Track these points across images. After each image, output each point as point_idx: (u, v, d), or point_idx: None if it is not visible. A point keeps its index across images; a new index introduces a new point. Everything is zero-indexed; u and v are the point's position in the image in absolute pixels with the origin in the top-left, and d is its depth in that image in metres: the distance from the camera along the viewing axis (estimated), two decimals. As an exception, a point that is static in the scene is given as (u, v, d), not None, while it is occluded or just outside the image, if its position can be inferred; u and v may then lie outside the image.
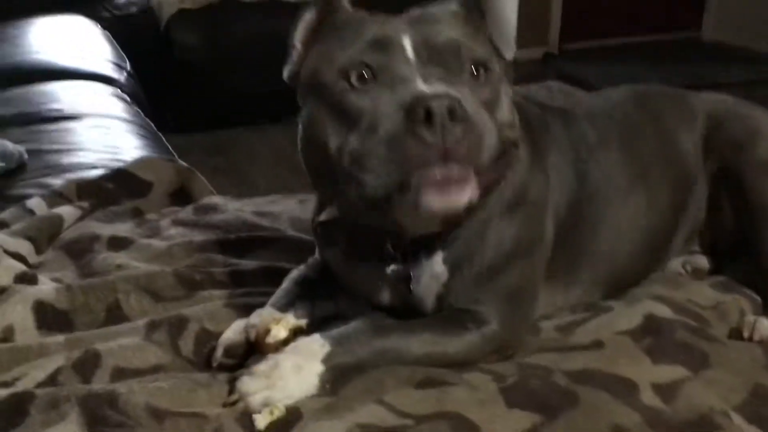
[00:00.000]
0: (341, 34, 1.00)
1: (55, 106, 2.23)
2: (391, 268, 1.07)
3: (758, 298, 1.27)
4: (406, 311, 1.10)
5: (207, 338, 1.09)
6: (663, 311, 1.15)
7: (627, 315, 1.15)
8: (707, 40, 6.26)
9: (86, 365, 1.03)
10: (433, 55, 0.95)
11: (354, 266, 1.13)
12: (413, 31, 0.97)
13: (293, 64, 1.08)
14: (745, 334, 1.15)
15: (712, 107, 1.38)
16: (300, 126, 1.03)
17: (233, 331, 1.06)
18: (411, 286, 1.08)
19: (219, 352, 1.04)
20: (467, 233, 1.07)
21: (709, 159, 1.35)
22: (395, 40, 0.96)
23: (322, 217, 1.08)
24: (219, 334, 1.07)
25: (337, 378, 0.97)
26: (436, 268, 1.08)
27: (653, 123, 1.34)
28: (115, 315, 1.19)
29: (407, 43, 0.96)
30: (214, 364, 1.04)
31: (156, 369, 1.04)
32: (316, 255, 1.24)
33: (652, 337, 1.09)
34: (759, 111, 1.39)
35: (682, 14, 6.22)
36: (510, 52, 1.10)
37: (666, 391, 0.98)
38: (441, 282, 1.08)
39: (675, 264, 1.39)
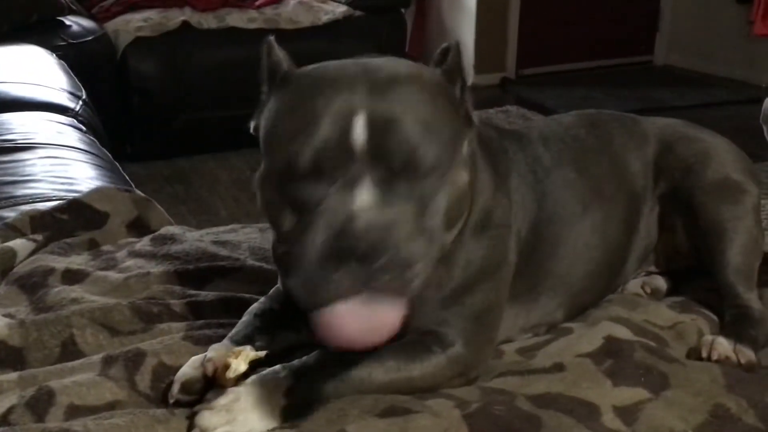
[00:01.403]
0: (295, 104, 0.95)
1: (8, 136, 2.19)
2: None
3: (715, 318, 1.29)
4: None
5: (165, 373, 1.07)
6: (622, 332, 1.16)
7: (587, 337, 1.16)
8: (659, 64, 6.42)
9: (39, 403, 0.99)
10: (385, 155, 0.89)
11: None
12: (370, 121, 0.89)
13: (257, 118, 1.06)
14: (704, 354, 1.16)
15: (662, 131, 1.42)
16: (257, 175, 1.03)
17: (190, 367, 1.03)
18: None
19: (175, 389, 1.01)
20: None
21: (659, 180, 1.38)
22: (347, 136, 0.89)
23: (283, 247, 1.07)
24: (177, 369, 1.05)
25: (300, 410, 0.95)
26: None
27: (604, 145, 1.36)
28: (70, 351, 1.16)
29: (360, 138, 0.89)
30: (171, 401, 1.01)
31: (112, 405, 1.01)
32: (278, 284, 1.22)
33: (613, 359, 1.09)
34: (708, 133, 1.43)
35: (634, 39, 6.37)
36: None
37: (627, 413, 0.99)
38: None
39: (634, 285, 1.41)
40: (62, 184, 1.89)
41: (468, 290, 1.09)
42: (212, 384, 1.00)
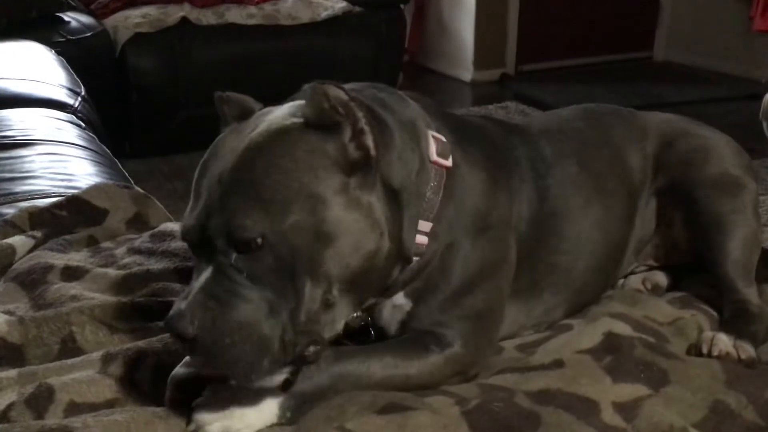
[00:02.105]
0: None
1: (7, 133, 2.18)
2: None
3: (715, 314, 1.29)
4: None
5: (165, 372, 1.06)
6: (622, 328, 1.16)
7: (587, 333, 1.16)
8: (659, 60, 6.41)
9: (39, 401, 1.00)
10: (218, 240, 0.90)
11: None
12: (216, 207, 0.90)
13: None
14: (704, 350, 1.16)
15: (662, 126, 1.42)
16: None
17: (183, 366, 1.03)
18: (370, 328, 1.08)
19: (170, 389, 1.01)
20: (430, 267, 1.07)
21: (658, 175, 1.38)
22: (193, 225, 0.93)
23: None
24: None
25: (298, 406, 0.95)
26: (397, 300, 1.08)
27: (604, 138, 1.37)
28: (69, 348, 1.16)
29: (201, 228, 0.92)
30: (167, 404, 1.00)
31: (111, 403, 1.02)
32: None
33: (612, 355, 1.09)
34: (706, 129, 1.43)
35: (634, 35, 6.36)
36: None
37: (626, 409, 0.99)
38: (404, 311, 1.08)
39: (634, 280, 1.41)
40: (61, 180, 1.88)
41: (467, 292, 1.09)
42: (207, 382, 0.99)
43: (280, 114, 0.97)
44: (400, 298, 1.08)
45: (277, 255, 0.89)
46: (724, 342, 1.17)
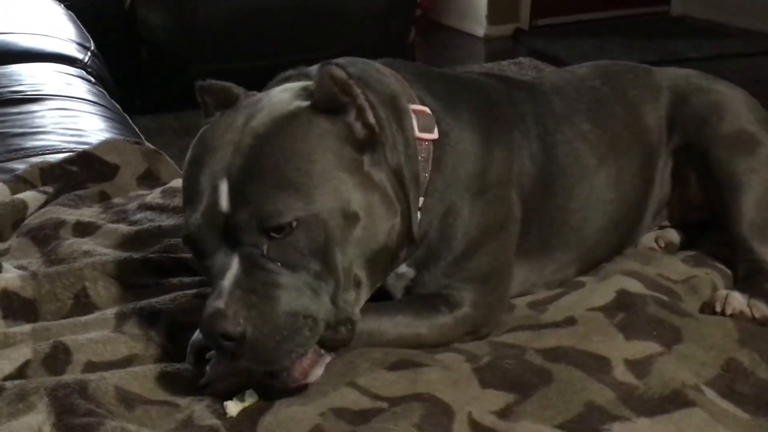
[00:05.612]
0: (187, 172, 0.96)
1: (17, 88, 2.17)
2: None
3: (729, 272, 1.28)
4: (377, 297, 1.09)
5: (179, 330, 1.07)
6: (635, 286, 1.16)
7: (599, 291, 1.16)
8: (676, 14, 6.29)
9: (57, 362, 1.00)
10: (240, 232, 0.88)
11: None
12: (231, 200, 0.88)
13: None
14: (718, 308, 1.16)
15: (676, 82, 1.39)
16: None
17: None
18: None
19: (190, 357, 1.01)
20: (428, 237, 1.06)
21: (673, 133, 1.36)
22: (211, 222, 0.89)
23: None
24: (190, 326, 1.04)
25: (310, 363, 0.96)
26: (400, 269, 1.07)
27: (619, 97, 1.34)
28: (82, 303, 1.16)
29: (221, 223, 0.89)
30: (190, 367, 1.00)
31: (129, 359, 1.03)
32: None
33: (625, 312, 1.09)
34: (722, 84, 1.40)
35: (651, -11, 6.23)
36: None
37: (639, 366, 0.98)
38: (408, 278, 1.08)
39: (647, 239, 1.40)
40: (72, 136, 1.88)
41: (471, 256, 1.08)
42: None
43: (283, 99, 0.96)
44: (402, 267, 1.07)
45: (310, 237, 0.88)
46: (737, 300, 1.16)
